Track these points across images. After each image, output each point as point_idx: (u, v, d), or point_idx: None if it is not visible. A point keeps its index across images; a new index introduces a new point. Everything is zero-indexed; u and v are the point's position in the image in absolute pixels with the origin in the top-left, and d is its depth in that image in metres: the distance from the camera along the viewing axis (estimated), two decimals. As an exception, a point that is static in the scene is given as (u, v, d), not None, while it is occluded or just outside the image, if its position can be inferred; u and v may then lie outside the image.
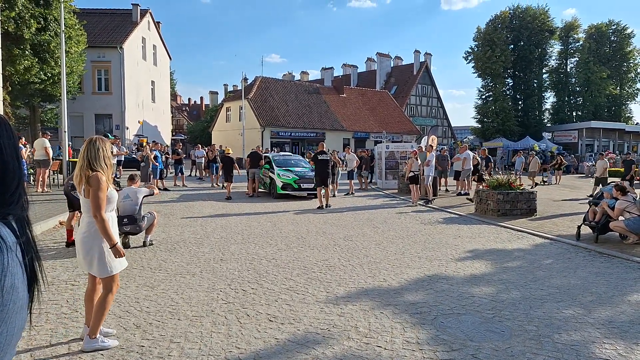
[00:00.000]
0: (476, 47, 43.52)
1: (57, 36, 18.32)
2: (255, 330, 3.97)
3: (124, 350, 3.52)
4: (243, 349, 3.59)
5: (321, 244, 7.65)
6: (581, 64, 45.91)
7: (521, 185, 11.29)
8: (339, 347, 3.65)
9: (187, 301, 4.68)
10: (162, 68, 39.06)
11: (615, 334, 3.96)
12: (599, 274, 5.99)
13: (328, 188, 12.67)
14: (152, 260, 6.37)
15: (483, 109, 43.57)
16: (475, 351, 3.59)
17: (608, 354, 3.56)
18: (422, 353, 3.57)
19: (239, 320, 4.20)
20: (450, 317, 4.34)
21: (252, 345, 3.65)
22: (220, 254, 6.84)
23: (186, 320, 4.16)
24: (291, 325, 4.09)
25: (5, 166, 0.95)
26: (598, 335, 3.94)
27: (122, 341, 3.66)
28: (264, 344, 3.70)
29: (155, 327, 3.98)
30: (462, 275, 5.83)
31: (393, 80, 53.36)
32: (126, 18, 33.21)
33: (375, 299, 4.84)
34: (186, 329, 3.96)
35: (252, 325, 4.07)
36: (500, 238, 8.44)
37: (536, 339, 3.84)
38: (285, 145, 36.01)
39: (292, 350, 3.58)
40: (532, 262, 6.62)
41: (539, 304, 4.75)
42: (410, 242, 7.91)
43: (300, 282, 5.46)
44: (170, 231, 8.57)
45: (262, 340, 3.77)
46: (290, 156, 17.87)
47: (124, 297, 4.68)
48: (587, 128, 42.17)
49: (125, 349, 3.53)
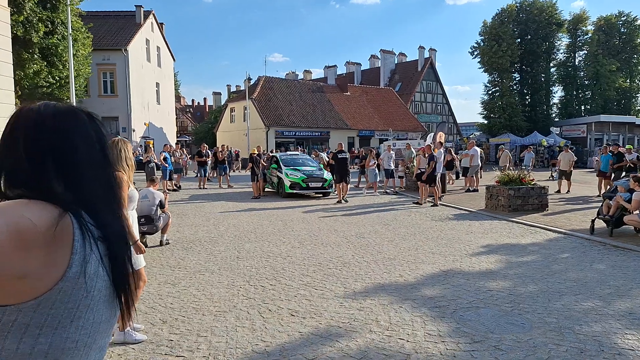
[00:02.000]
0: (482, 41, 43.20)
1: (65, 39, 18.50)
2: (279, 324, 4.03)
3: (154, 344, 3.59)
4: (269, 342, 3.65)
5: (334, 242, 7.70)
6: (590, 57, 45.36)
7: (532, 181, 11.27)
8: (362, 340, 3.70)
9: (209, 297, 4.75)
10: (166, 69, 39.26)
11: (637, 325, 3.98)
12: (615, 267, 6.00)
13: (346, 185, 13.81)
14: (170, 258, 6.45)
15: (489, 104, 43.29)
16: (497, 343, 3.63)
17: (631, 344, 3.59)
18: (445, 345, 3.61)
19: (261, 315, 4.26)
20: (469, 311, 4.38)
21: (277, 339, 3.71)
22: (236, 252, 6.91)
23: (210, 316, 4.23)
24: (313, 320, 4.15)
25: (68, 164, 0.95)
26: (619, 326, 3.97)
27: (150, 336, 3.74)
28: (288, 337, 3.76)
29: (181, 322, 4.05)
30: (478, 270, 5.86)
31: (397, 77, 53.24)
32: (130, 20, 33.36)
33: (393, 294, 4.89)
34: (211, 323, 4.03)
35: (275, 320, 4.13)
36: (512, 233, 8.45)
37: (557, 331, 3.87)
38: (290, 144, 36.05)
39: (316, 343, 3.63)
40: (547, 256, 6.64)
41: (557, 296, 4.78)
42: (423, 239, 7.94)
43: (317, 278, 5.51)
44: (184, 231, 8.65)
45: (286, 333, 3.83)
46: (297, 155, 17.93)
47: (147, 294, 4.76)
48: (596, 122, 41.77)
49: (155, 343, 3.60)
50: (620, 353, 3.44)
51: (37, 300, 0.85)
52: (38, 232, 0.83)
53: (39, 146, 0.94)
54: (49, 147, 0.94)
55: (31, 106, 0.99)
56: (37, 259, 0.84)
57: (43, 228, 0.84)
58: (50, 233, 0.85)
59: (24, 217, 0.83)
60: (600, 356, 3.39)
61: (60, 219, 0.87)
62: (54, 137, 0.95)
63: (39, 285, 0.85)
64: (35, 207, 0.87)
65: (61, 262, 0.87)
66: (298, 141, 37.65)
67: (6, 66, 11.59)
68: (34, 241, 0.83)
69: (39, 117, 0.96)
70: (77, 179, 0.95)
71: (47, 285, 0.86)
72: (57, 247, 0.87)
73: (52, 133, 0.96)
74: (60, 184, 0.93)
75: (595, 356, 3.39)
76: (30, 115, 0.96)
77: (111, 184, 1.04)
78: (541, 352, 3.47)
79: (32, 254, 0.83)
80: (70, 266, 0.88)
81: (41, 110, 0.98)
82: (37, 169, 0.92)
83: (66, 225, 0.88)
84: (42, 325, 0.86)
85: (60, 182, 0.93)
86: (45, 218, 0.86)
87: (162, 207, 7.26)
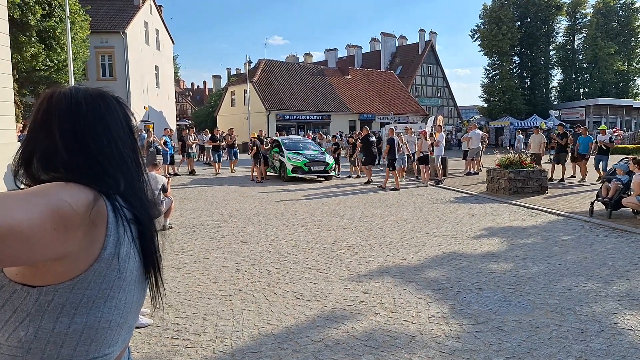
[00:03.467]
0: (482, 24, 42.78)
1: (62, 22, 18.24)
2: (284, 307, 4.10)
3: (160, 328, 3.66)
4: (275, 324, 3.72)
5: (337, 225, 7.75)
6: (588, 40, 45.07)
7: (532, 164, 11.29)
8: (367, 322, 3.77)
9: (214, 281, 4.81)
10: (165, 52, 38.81)
11: (636, 306, 4.05)
12: (614, 249, 6.07)
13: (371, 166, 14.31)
14: (173, 243, 6.50)
15: (489, 87, 43.03)
16: (500, 324, 3.70)
17: (630, 324, 3.66)
18: (449, 326, 3.68)
19: (267, 298, 4.33)
20: (472, 293, 4.44)
21: (283, 322, 3.78)
22: (239, 236, 6.96)
23: (216, 299, 4.29)
24: (318, 302, 4.21)
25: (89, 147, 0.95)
26: (618, 307, 4.04)
27: (156, 320, 3.80)
28: (294, 319, 3.82)
29: (187, 306, 4.12)
30: (480, 252, 5.92)
31: (398, 60, 52.75)
32: (128, 2, 32.84)
33: (396, 277, 4.95)
34: (217, 307, 4.10)
35: (281, 303, 4.19)
36: (513, 216, 8.50)
37: (558, 312, 3.94)
38: (291, 128, 35.92)
39: (322, 326, 3.70)
40: (547, 238, 6.70)
41: (558, 278, 4.84)
42: (425, 222, 8.00)
43: (321, 261, 5.57)
44: (187, 215, 8.70)
45: (292, 316, 3.89)
46: (299, 139, 17.90)
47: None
48: (594, 105, 41.64)
49: (162, 327, 3.66)
50: (620, 333, 3.51)
51: (73, 281, 0.88)
52: (76, 215, 0.85)
53: (75, 129, 0.95)
54: (86, 130, 0.96)
55: (62, 90, 1.00)
56: (75, 240, 0.86)
57: (81, 210, 0.86)
58: (86, 215, 0.87)
59: (62, 200, 0.84)
60: (601, 336, 3.46)
61: (95, 202, 0.89)
62: (89, 120, 0.97)
63: (75, 267, 0.88)
64: (72, 190, 0.88)
65: (97, 243, 0.89)
66: (299, 125, 37.50)
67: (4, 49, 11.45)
68: (73, 223, 0.85)
69: (74, 100, 0.97)
70: (110, 161, 0.97)
71: (83, 267, 0.88)
72: (93, 229, 0.89)
73: (87, 116, 0.97)
74: (96, 166, 0.95)
75: (596, 336, 3.46)
76: (64, 99, 0.97)
77: (139, 166, 1.05)
78: (543, 332, 3.54)
79: (71, 235, 0.85)
80: (105, 247, 0.90)
81: (74, 93, 0.99)
82: (74, 152, 0.93)
83: (101, 208, 0.90)
84: (78, 305, 0.89)
85: (95, 164, 0.95)
86: (82, 201, 0.87)
87: (164, 191, 7.27)
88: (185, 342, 3.43)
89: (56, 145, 0.94)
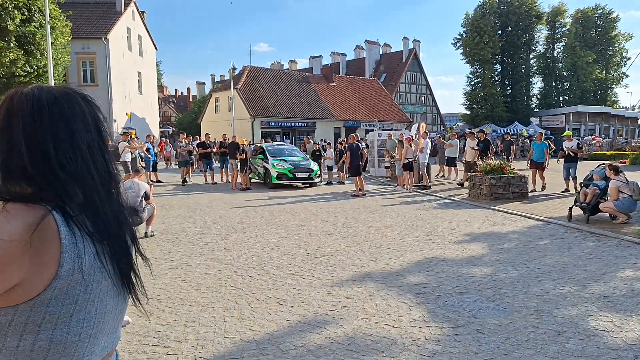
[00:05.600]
0: (464, 33, 43.65)
1: (42, 27, 17.97)
2: (267, 313, 4.09)
3: (141, 335, 3.61)
4: (257, 330, 3.71)
5: (321, 231, 7.77)
6: (568, 49, 46.36)
7: (513, 170, 11.51)
8: (349, 327, 3.78)
9: (196, 288, 4.77)
10: (148, 59, 38.49)
11: (611, 308, 4.15)
12: (591, 252, 6.22)
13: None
14: (155, 250, 6.43)
15: (472, 95, 43.84)
16: (479, 327, 3.76)
17: (605, 326, 3.75)
18: (430, 330, 3.72)
19: (249, 304, 4.31)
20: (453, 297, 4.50)
21: (265, 328, 3.77)
22: (222, 243, 6.93)
23: (198, 306, 4.25)
24: (301, 308, 4.21)
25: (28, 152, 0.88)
26: (594, 309, 4.14)
27: (137, 327, 3.75)
28: (276, 325, 3.82)
29: (168, 314, 4.07)
30: (461, 257, 6.01)
31: (382, 67, 53.27)
32: (110, 8, 32.55)
33: (379, 282, 4.99)
34: (199, 314, 4.06)
35: (263, 309, 4.18)
36: (494, 221, 8.65)
37: (536, 314, 4.02)
38: (276, 135, 35.90)
39: (304, 331, 3.70)
40: (526, 243, 6.83)
41: (537, 281, 4.94)
42: (408, 227, 8.07)
43: (304, 267, 5.58)
44: (170, 222, 8.61)
45: (274, 322, 3.89)
46: (283, 146, 17.91)
47: (133, 286, 4.74)
48: (573, 112, 42.76)
49: (142, 334, 3.62)
50: (595, 334, 3.60)
51: (32, 301, 0.85)
52: (11, 246, 0.81)
53: (36, 134, 0.88)
54: (47, 135, 0.89)
55: (25, 91, 0.93)
56: (21, 268, 0.82)
57: (15, 240, 0.81)
58: (25, 240, 0.82)
59: None
60: (576, 337, 3.54)
61: (38, 223, 0.84)
62: (52, 124, 0.90)
63: (30, 288, 0.84)
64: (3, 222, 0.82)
65: (51, 262, 0.85)
66: (284, 132, 37.51)
67: (-19, 55, 11.23)
68: (10, 256, 0.81)
69: (36, 102, 0.91)
70: (70, 169, 0.90)
71: (39, 287, 0.85)
72: (42, 249, 0.84)
73: (50, 120, 0.90)
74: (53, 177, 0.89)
75: (572, 337, 3.54)
76: (25, 101, 0.90)
77: (109, 171, 0.99)
78: (521, 335, 3.60)
79: (14, 267, 0.81)
80: (61, 265, 0.86)
81: (36, 95, 0.92)
82: (34, 160, 0.87)
83: (47, 225, 0.85)
84: (41, 322, 0.85)
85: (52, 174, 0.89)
86: (15, 229, 0.82)
87: (147, 198, 7.20)
88: (166, 350, 3.39)
89: (17, 152, 0.88)
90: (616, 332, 3.64)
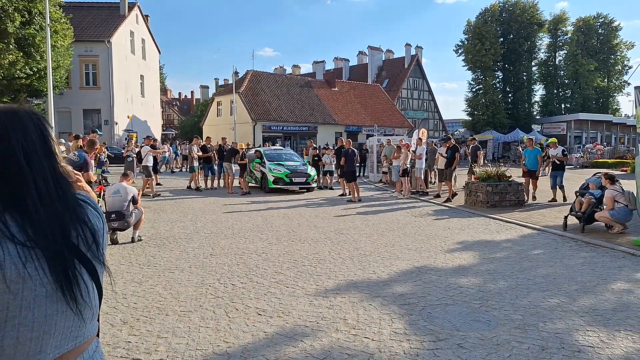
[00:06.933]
0: (466, 40, 43.64)
1: (43, 30, 18.02)
2: (244, 324, 3.98)
3: (111, 346, 3.50)
4: (231, 342, 3.60)
5: (312, 238, 7.66)
6: (569, 57, 46.29)
7: (509, 177, 11.38)
8: (327, 340, 3.67)
9: (176, 296, 4.67)
10: (151, 62, 38.65)
11: (599, 322, 4.02)
12: (584, 263, 6.08)
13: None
14: (140, 256, 6.34)
15: (473, 101, 43.77)
16: (461, 340, 3.64)
17: (591, 342, 3.62)
18: (409, 343, 3.60)
19: (227, 314, 4.20)
20: (438, 308, 4.38)
21: (240, 339, 3.66)
22: (210, 249, 6.83)
23: (174, 316, 4.15)
24: (280, 319, 4.10)
25: None
26: (582, 323, 4.01)
27: (108, 337, 3.65)
28: (252, 337, 3.71)
29: (142, 323, 3.97)
30: (451, 266, 5.88)
31: (384, 73, 53.31)
32: (114, 11, 32.76)
33: (364, 291, 4.87)
34: (174, 324, 3.96)
35: (241, 320, 4.07)
36: (489, 229, 8.51)
37: (521, 328, 3.89)
38: (277, 139, 35.87)
39: (280, 344, 3.59)
40: (519, 252, 6.70)
41: (525, 293, 4.81)
42: (401, 235, 7.95)
43: (290, 275, 5.47)
44: (159, 227, 8.52)
45: (250, 334, 3.78)
46: (281, 150, 17.85)
47: (111, 294, 4.65)
48: (575, 120, 42.61)
49: (112, 345, 3.51)
50: (580, 350, 3.47)
51: None
52: None
53: None
54: None
55: None
56: None
57: None
58: None
59: None
60: (561, 353, 3.42)
61: None
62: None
63: None
64: None
65: None
66: (285, 136, 37.48)
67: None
68: None
69: None
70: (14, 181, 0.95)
71: None
72: None
73: None
74: None
75: (556, 353, 3.41)
76: None
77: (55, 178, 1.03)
78: (503, 349, 3.48)
79: None
80: None
81: None
82: None
83: None
84: None
85: None
86: None
87: (134, 202, 7.12)
88: (134, 362, 3.28)
89: None
90: (602, 347, 3.52)
